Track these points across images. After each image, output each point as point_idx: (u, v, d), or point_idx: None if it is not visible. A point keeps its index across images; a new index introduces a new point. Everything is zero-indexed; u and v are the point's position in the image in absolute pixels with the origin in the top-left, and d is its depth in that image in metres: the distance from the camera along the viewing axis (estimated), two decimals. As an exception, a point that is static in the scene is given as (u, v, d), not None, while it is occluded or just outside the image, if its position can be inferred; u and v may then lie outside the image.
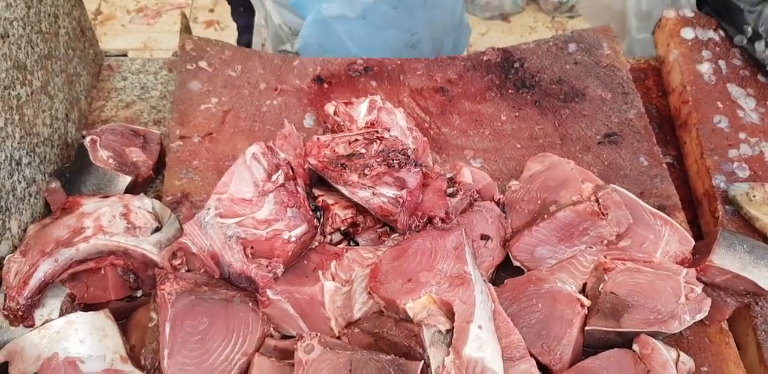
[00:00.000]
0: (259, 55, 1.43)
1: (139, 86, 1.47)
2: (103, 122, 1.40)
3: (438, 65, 1.42)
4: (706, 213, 1.25)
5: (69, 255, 1.06)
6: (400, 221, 1.05)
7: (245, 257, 1.02)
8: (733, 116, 1.34)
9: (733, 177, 1.25)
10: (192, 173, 1.23)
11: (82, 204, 1.13)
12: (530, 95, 1.38)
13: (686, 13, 1.49)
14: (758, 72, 1.41)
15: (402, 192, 1.05)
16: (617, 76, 1.41)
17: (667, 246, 1.11)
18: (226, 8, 3.37)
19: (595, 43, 1.47)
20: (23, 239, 1.12)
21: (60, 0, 1.29)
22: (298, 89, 1.37)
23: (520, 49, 1.45)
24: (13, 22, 1.10)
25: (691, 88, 1.37)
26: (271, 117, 1.33)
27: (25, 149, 1.14)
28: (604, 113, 1.36)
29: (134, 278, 1.11)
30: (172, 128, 1.29)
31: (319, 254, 1.07)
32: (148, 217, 1.13)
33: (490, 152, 1.30)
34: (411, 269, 1.00)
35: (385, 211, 1.05)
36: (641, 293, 1.04)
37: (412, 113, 1.34)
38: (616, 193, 1.11)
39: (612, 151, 1.30)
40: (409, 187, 1.06)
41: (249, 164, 1.02)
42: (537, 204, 1.14)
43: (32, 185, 1.17)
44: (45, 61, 1.22)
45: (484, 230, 1.12)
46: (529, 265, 1.10)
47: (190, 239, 1.02)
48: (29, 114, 1.16)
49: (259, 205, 1.02)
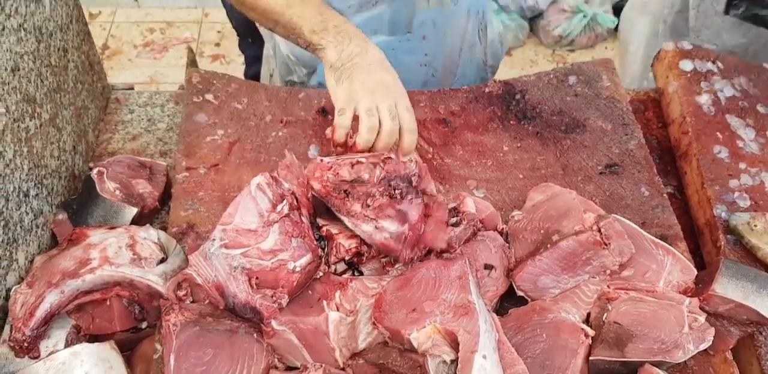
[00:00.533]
0: (265, 88, 1.45)
1: (146, 119, 1.49)
2: (110, 154, 1.42)
3: (440, 97, 1.44)
4: (708, 243, 1.26)
5: (75, 286, 1.07)
6: (402, 256, 1.07)
7: (250, 287, 1.02)
8: (732, 147, 1.35)
9: (734, 207, 1.26)
10: (198, 204, 1.25)
11: (88, 235, 1.14)
12: (532, 126, 1.40)
13: (684, 46, 1.51)
14: (757, 103, 1.43)
15: (404, 228, 1.06)
16: (617, 107, 1.43)
17: (670, 276, 1.11)
18: (232, 42, 3.43)
19: (595, 75, 1.49)
20: (30, 270, 1.13)
21: (69, 35, 1.32)
22: (303, 121, 1.39)
23: (521, 82, 1.47)
24: (24, 55, 1.13)
25: (691, 119, 1.39)
26: (276, 148, 1.34)
27: (33, 181, 1.15)
28: (605, 143, 1.37)
29: (139, 309, 1.11)
30: (178, 160, 1.31)
31: (324, 285, 1.08)
32: (154, 248, 1.14)
33: (492, 182, 1.32)
34: (415, 299, 1.01)
35: (387, 247, 1.07)
36: (645, 322, 1.04)
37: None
38: (618, 223, 1.11)
39: (613, 181, 1.31)
40: (411, 221, 1.07)
41: (254, 194, 1.03)
42: (540, 234, 1.15)
43: (39, 217, 1.18)
44: (54, 95, 1.24)
45: (487, 259, 1.13)
46: (533, 295, 1.11)
47: (195, 270, 1.03)
48: (38, 146, 1.17)
49: (264, 235, 1.03)
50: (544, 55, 3.56)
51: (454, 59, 1.67)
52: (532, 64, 3.50)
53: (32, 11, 1.16)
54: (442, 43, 1.61)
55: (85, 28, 1.41)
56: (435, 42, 1.60)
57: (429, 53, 1.62)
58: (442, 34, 1.59)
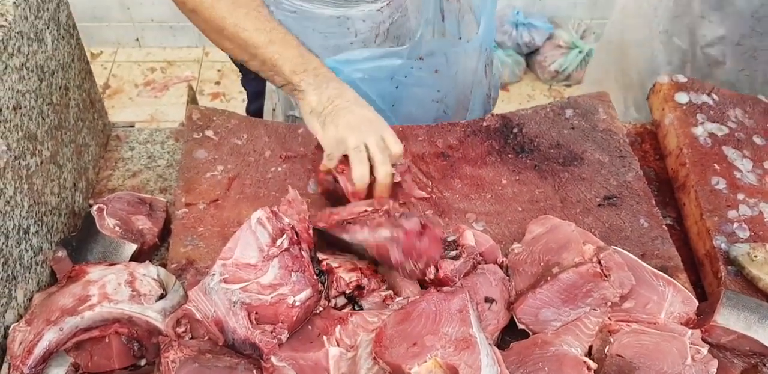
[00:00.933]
0: (264, 123, 1.46)
1: (146, 156, 1.50)
2: (110, 191, 1.42)
3: (439, 131, 1.45)
4: (709, 274, 1.26)
5: (74, 324, 1.06)
6: (393, 256, 1.08)
7: (249, 323, 1.02)
8: (730, 178, 1.35)
9: (733, 238, 1.26)
10: (197, 239, 1.25)
11: (87, 272, 1.14)
12: (530, 159, 1.41)
13: (679, 79, 1.53)
14: (753, 134, 1.44)
15: (398, 232, 1.08)
16: (614, 140, 1.44)
17: (671, 307, 1.11)
18: (232, 81, 3.46)
19: (591, 108, 1.50)
20: (29, 308, 1.13)
21: (71, 73, 1.33)
22: (303, 156, 1.40)
23: (518, 115, 1.49)
24: (26, 94, 1.14)
25: (688, 150, 1.40)
26: (276, 183, 1.35)
27: (33, 218, 1.16)
28: (602, 176, 1.38)
29: (138, 346, 1.10)
30: (178, 196, 1.31)
31: (324, 320, 1.07)
32: (153, 284, 1.14)
33: (492, 215, 1.32)
34: (416, 333, 1.00)
35: (381, 249, 1.08)
36: (647, 355, 1.03)
37: (414, 178, 1.36)
38: (617, 254, 1.11)
39: (612, 213, 1.31)
40: (406, 227, 1.09)
41: (254, 229, 1.04)
42: (540, 266, 1.14)
43: (39, 254, 1.18)
44: (55, 132, 1.25)
45: (488, 292, 1.12)
46: (534, 328, 1.10)
47: (194, 305, 1.02)
48: (38, 184, 1.18)
49: (263, 270, 1.03)
50: (540, 90, 3.59)
51: (466, 95, 1.68)
52: (529, 99, 3.53)
53: (34, 50, 1.17)
54: (454, 79, 1.63)
55: (86, 66, 1.43)
56: (447, 78, 1.61)
57: (441, 90, 1.63)
58: (455, 70, 1.60)
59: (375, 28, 1.51)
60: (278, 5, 1.50)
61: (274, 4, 1.50)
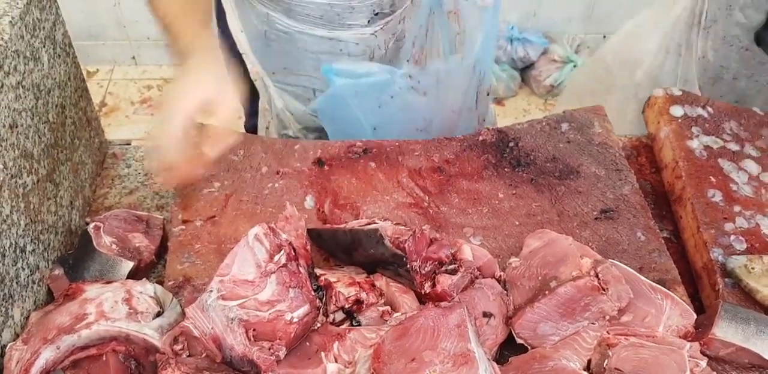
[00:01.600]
0: (261, 140, 1.46)
1: (143, 173, 1.50)
2: (106, 208, 1.42)
3: (435, 146, 1.45)
4: (707, 287, 1.26)
5: (71, 342, 1.06)
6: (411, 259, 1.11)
7: (247, 339, 1.01)
8: (726, 190, 1.36)
9: (730, 250, 1.26)
10: (194, 256, 1.25)
11: (84, 290, 1.14)
12: (526, 173, 1.41)
13: (674, 92, 1.54)
14: (748, 147, 1.45)
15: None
16: (610, 153, 1.44)
17: (669, 320, 1.11)
18: (228, 97, 3.43)
19: (587, 122, 1.51)
20: (25, 326, 1.12)
21: (67, 91, 1.34)
22: (299, 172, 1.40)
23: (514, 130, 1.49)
24: (22, 112, 1.14)
25: (684, 163, 1.40)
26: (272, 199, 1.35)
27: (29, 236, 1.16)
28: (599, 189, 1.38)
29: (135, 364, 1.10)
30: (175, 213, 1.31)
31: (322, 336, 1.07)
32: (150, 302, 1.14)
33: (489, 229, 1.32)
34: (414, 349, 1.00)
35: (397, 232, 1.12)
36: (646, 368, 1.03)
37: (411, 192, 1.36)
38: (615, 268, 1.11)
39: (609, 226, 1.32)
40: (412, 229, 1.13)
41: (251, 245, 1.04)
42: (537, 280, 1.14)
43: (36, 273, 1.18)
44: (51, 150, 1.25)
45: (486, 307, 1.12)
46: (533, 342, 1.10)
47: (192, 322, 1.02)
48: (35, 202, 1.18)
49: (261, 286, 1.02)
50: (536, 105, 3.61)
51: (454, 121, 1.67)
52: (525, 114, 3.55)
53: (30, 69, 1.18)
54: (443, 103, 1.61)
55: (82, 84, 1.43)
56: (436, 101, 1.60)
57: (427, 117, 1.62)
58: (444, 91, 1.59)
59: (369, 51, 1.52)
60: (271, 26, 1.51)
61: (267, 25, 1.51)
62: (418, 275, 1.11)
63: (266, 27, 1.52)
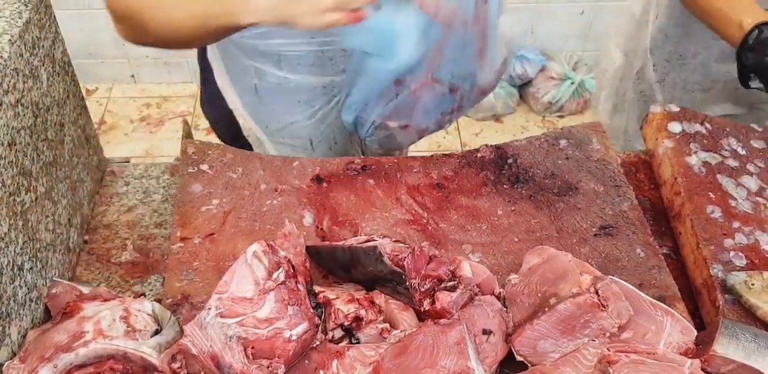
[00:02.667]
0: (259, 157, 1.46)
1: (141, 191, 1.50)
2: (104, 226, 1.42)
3: (434, 163, 1.46)
4: (707, 303, 1.25)
5: (68, 360, 1.05)
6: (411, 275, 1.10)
7: (246, 357, 1.01)
8: (725, 206, 1.36)
9: (730, 266, 1.26)
10: (192, 274, 1.24)
11: (82, 308, 1.13)
12: (525, 190, 1.41)
13: (672, 108, 1.54)
14: (747, 163, 1.45)
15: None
16: (608, 169, 1.45)
17: (670, 337, 1.10)
18: (227, 115, 3.44)
19: (585, 138, 1.51)
20: (23, 345, 1.12)
21: (66, 109, 1.34)
22: (298, 189, 1.40)
23: (512, 146, 1.49)
24: (21, 130, 1.14)
25: (682, 179, 1.40)
26: (271, 217, 1.35)
27: (27, 255, 1.15)
28: (598, 205, 1.38)
29: (133, 383, 1.09)
30: (173, 230, 1.31)
31: (321, 353, 1.06)
32: (148, 320, 1.13)
33: (488, 246, 1.32)
34: (413, 366, 0.99)
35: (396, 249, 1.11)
36: (648, 385, 1.02)
37: (410, 209, 1.36)
38: (615, 284, 1.11)
39: (608, 243, 1.31)
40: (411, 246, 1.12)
41: (250, 262, 1.03)
42: (537, 297, 1.14)
43: (33, 291, 1.17)
44: (50, 168, 1.25)
45: (485, 324, 1.12)
46: (533, 360, 1.09)
47: (190, 340, 1.01)
48: (33, 220, 1.18)
49: (260, 303, 1.02)
50: (534, 122, 3.62)
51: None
52: (523, 130, 3.56)
53: (29, 87, 1.18)
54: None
55: (81, 102, 1.44)
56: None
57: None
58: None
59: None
60: (262, 78, 1.50)
61: (257, 77, 1.50)
62: (417, 292, 1.10)
63: (257, 80, 1.51)
